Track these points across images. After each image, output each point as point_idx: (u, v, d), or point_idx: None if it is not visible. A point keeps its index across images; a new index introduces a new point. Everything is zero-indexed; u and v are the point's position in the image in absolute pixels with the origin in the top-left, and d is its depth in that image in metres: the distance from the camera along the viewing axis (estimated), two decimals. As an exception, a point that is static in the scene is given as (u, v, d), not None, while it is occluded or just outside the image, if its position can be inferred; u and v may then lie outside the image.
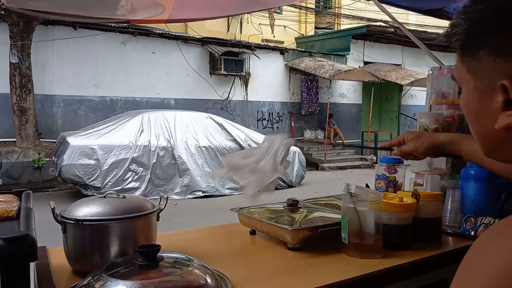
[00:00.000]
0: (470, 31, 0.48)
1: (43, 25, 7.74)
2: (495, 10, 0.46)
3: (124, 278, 0.68)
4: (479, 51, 0.47)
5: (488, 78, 0.47)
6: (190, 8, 2.39)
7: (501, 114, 0.46)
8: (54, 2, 2.08)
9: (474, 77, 0.49)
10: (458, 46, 0.50)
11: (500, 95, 0.45)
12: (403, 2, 2.36)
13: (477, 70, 0.48)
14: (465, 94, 0.52)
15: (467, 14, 0.48)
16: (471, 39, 0.48)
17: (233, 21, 11.37)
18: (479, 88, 0.48)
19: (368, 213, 1.01)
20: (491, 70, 0.46)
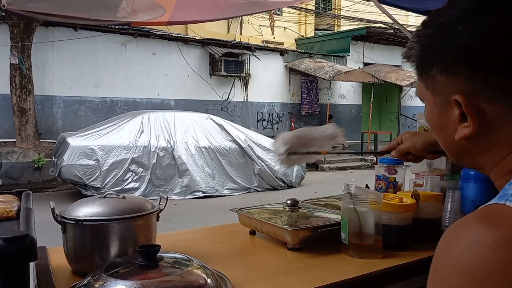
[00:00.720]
0: (422, 53, 0.52)
1: (43, 26, 7.75)
2: (440, 34, 0.50)
3: (124, 278, 0.68)
4: (432, 71, 0.51)
5: (444, 94, 0.51)
6: (191, 10, 2.39)
7: (459, 126, 0.50)
8: (55, 4, 2.09)
9: (432, 93, 0.53)
10: (415, 66, 0.54)
11: (456, 108, 0.49)
12: (403, 3, 2.37)
13: (434, 87, 0.52)
14: (427, 109, 0.56)
15: (419, 37, 0.53)
16: (424, 60, 0.52)
17: (233, 22, 11.39)
18: (438, 103, 0.53)
19: (368, 214, 1.01)
20: (445, 87, 0.50)
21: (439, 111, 0.53)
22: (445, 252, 0.42)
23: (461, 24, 0.47)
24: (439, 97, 0.52)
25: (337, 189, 1.15)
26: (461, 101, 0.48)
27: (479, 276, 0.38)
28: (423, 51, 0.52)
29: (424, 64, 0.53)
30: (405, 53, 0.56)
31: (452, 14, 0.49)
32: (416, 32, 0.54)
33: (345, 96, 12.23)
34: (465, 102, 0.48)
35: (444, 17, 0.50)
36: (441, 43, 0.50)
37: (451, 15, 0.49)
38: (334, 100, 11.89)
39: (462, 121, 0.49)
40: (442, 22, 0.50)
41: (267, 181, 7.18)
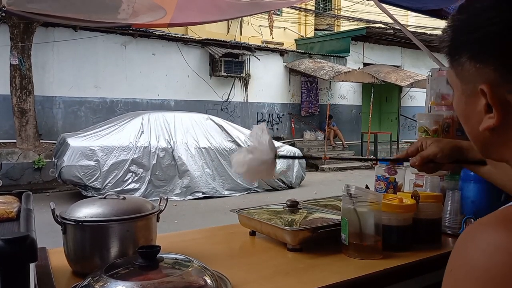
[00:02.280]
0: (454, 38, 0.52)
1: (43, 27, 7.75)
2: (472, 21, 0.49)
3: (124, 279, 0.68)
4: (462, 58, 0.50)
5: (472, 82, 0.50)
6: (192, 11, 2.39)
7: (484, 116, 0.49)
8: (55, 5, 2.09)
9: (461, 81, 0.52)
10: (446, 52, 0.53)
11: (483, 98, 0.48)
12: (403, 2, 2.37)
13: (463, 75, 0.51)
14: (456, 96, 0.55)
15: (453, 22, 0.52)
16: (456, 46, 0.52)
17: (233, 23, 11.39)
18: (466, 91, 0.52)
19: (368, 214, 1.01)
20: (473, 75, 0.49)
21: (466, 100, 0.52)
22: (462, 253, 0.41)
23: (493, 11, 0.47)
24: (467, 86, 0.51)
25: (337, 190, 1.15)
26: (486, 91, 0.47)
27: (496, 281, 0.36)
28: (454, 37, 0.51)
29: (454, 50, 0.52)
30: (439, 37, 0.55)
31: (486, 1, 0.48)
32: (451, 16, 0.53)
33: (345, 97, 12.23)
34: (491, 92, 0.47)
35: (479, 3, 0.49)
36: (472, 30, 0.48)
37: (485, 2, 0.48)
38: (334, 100, 11.89)
39: (488, 112, 0.48)
40: (476, 8, 0.49)
41: (267, 181, 7.18)
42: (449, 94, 1.52)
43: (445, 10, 2.41)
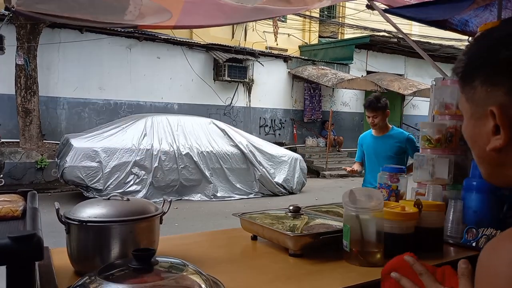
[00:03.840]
0: (468, 64, 0.56)
1: (49, 28, 7.82)
2: (486, 49, 0.54)
3: (117, 282, 0.67)
4: (474, 82, 0.54)
5: (482, 106, 0.53)
6: (197, 15, 2.41)
7: (492, 138, 0.52)
8: (63, 6, 2.11)
9: (471, 105, 0.56)
10: (459, 77, 0.57)
11: (491, 120, 0.51)
12: (407, 13, 2.38)
13: (473, 99, 0.55)
14: (464, 120, 0.58)
15: (468, 49, 0.57)
16: (469, 71, 0.55)
17: (237, 28, 11.45)
18: (475, 115, 0.55)
19: (370, 222, 1.01)
20: (484, 98, 0.52)
21: (474, 123, 0.55)
22: (485, 265, 0.43)
23: (506, 40, 0.51)
24: (477, 109, 0.54)
25: (338, 197, 1.16)
26: (496, 112, 0.50)
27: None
28: (468, 63, 0.55)
29: (467, 75, 0.55)
30: (454, 66, 0.59)
31: (498, 34, 0.53)
32: (466, 47, 0.59)
33: (347, 104, 12.24)
34: (500, 113, 0.50)
35: (491, 36, 0.54)
36: (485, 56, 0.53)
37: (497, 35, 0.53)
38: (337, 107, 11.90)
39: (496, 133, 0.51)
40: (489, 39, 0.54)
41: (268, 187, 7.17)
42: (453, 104, 1.52)
43: (449, 21, 2.42)
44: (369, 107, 2.81)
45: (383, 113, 2.81)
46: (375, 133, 2.89)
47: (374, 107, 2.78)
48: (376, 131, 2.88)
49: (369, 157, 2.90)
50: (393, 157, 2.75)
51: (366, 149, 2.92)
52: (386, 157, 2.75)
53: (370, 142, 2.91)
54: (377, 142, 2.85)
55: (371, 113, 2.80)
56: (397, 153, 2.78)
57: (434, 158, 1.44)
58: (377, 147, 2.84)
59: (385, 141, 2.82)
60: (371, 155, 2.88)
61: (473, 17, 2.35)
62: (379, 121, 2.81)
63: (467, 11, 2.24)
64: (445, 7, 2.18)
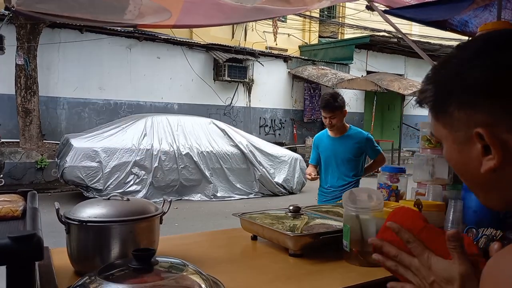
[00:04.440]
0: (437, 92, 0.54)
1: (49, 28, 7.82)
2: (455, 72, 0.52)
3: (117, 281, 0.67)
4: (450, 108, 0.52)
5: (463, 130, 0.51)
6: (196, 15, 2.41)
7: (483, 159, 0.50)
8: (63, 5, 2.11)
9: (450, 131, 0.53)
10: (430, 107, 0.55)
11: (478, 142, 0.50)
12: (407, 14, 2.38)
13: (452, 125, 0.53)
14: (446, 147, 0.56)
15: (434, 78, 0.55)
16: (440, 99, 0.53)
17: (237, 28, 11.46)
18: (457, 140, 0.53)
19: (370, 222, 1.01)
20: (464, 122, 0.51)
21: (459, 148, 0.53)
22: (488, 278, 0.44)
23: (475, 60, 0.49)
24: (458, 134, 0.52)
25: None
26: (483, 133, 0.48)
27: None
28: (439, 91, 0.53)
29: (440, 103, 0.53)
30: (418, 97, 0.57)
31: (465, 54, 0.51)
32: (427, 76, 0.55)
33: (347, 104, 12.15)
34: (488, 133, 0.48)
35: (457, 58, 0.52)
36: (457, 80, 0.51)
37: (464, 55, 0.52)
38: (337, 107, 11.89)
39: (486, 154, 0.49)
40: (456, 62, 0.52)
41: (268, 187, 7.17)
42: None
43: (449, 21, 2.42)
44: (326, 107, 2.55)
45: (341, 112, 2.59)
46: (333, 134, 2.66)
47: (332, 107, 2.54)
48: (334, 132, 2.64)
49: (326, 160, 2.66)
50: (352, 160, 2.59)
51: (323, 151, 2.68)
52: (345, 159, 2.59)
53: (328, 144, 2.67)
54: (335, 143, 2.63)
55: (328, 113, 2.55)
56: (357, 154, 2.61)
57: (434, 158, 1.44)
58: (335, 149, 2.62)
59: (343, 143, 2.61)
60: (329, 157, 2.64)
61: (472, 17, 2.35)
62: (337, 122, 2.57)
63: (467, 12, 2.24)
64: (445, 8, 2.18)
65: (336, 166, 2.58)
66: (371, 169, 2.80)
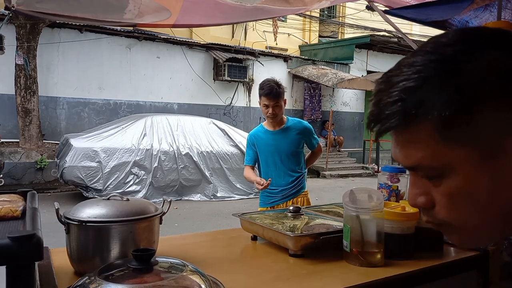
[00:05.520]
0: (456, 99, 0.39)
1: (49, 28, 7.82)
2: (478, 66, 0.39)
3: (117, 282, 0.67)
4: (478, 115, 0.39)
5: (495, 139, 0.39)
6: (196, 14, 2.41)
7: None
8: (63, 5, 2.11)
9: (474, 148, 0.40)
10: (434, 124, 0.40)
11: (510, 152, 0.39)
12: (407, 14, 2.38)
13: (478, 137, 0.39)
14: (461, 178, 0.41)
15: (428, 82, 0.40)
16: (463, 105, 0.39)
17: (237, 27, 11.46)
18: (486, 156, 0.40)
19: (370, 222, 1.01)
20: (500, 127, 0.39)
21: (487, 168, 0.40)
22: None
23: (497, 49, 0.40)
24: (488, 147, 0.39)
25: (338, 197, 1.16)
26: None
27: None
28: (452, 94, 0.39)
29: (460, 110, 0.39)
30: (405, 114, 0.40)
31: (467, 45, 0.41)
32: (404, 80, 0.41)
33: (347, 104, 12.24)
34: None
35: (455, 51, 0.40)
36: (481, 76, 0.39)
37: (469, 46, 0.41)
38: (337, 107, 11.91)
39: None
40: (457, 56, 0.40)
41: (268, 186, 7.18)
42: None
43: (449, 22, 2.42)
44: (271, 94, 2.27)
45: (283, 100, 2.34)
46: (271, 127, 2.40)
47: (277, 93, 2.28)
48: (273, 124, 2.38)
49: (268, 158, 2.40)
50: (297, 152, 2.40)
51: (263, 148, 2.41)
52: (290, 153, 2.37)
53: (267, 139, 2.39)
54: (277, 138, 2.37)
55: (272, 101, 2.28)
56: (300, 146, 2.41)
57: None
58: (278, 144, 2.37)
59: (285, 135, 2.37)
60: (271, 154, 2.39)
61: (473, 18, 2.35)
62: (279, 111, 2.31)
63: (467, 12, 2.24)
64: (445, 8, 2.18)
65: (281, 162, 2.37)
66: (311, 161, 2.63)
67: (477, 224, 0.42)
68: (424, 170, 0.43)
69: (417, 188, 0.45)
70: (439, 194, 0.42)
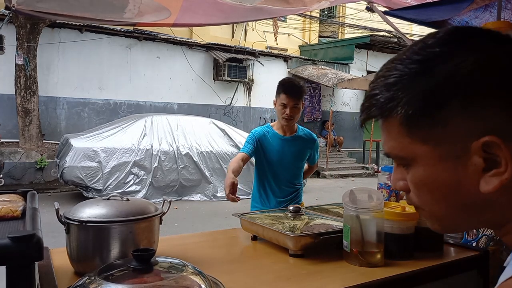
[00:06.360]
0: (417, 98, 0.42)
1: (49, 28, 7.82)
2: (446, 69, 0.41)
3: (117, 282, 0.67)
4: (440, 116, 0.41)
5: (459, 141, 0.41)
6: (196, 14, 2.42)
7: (483, 176, 0.41)
8: (63, 4, 2.11)
9: (435, 146, 0.42)
10: (403, 117, 0.43)
11: (476, 156, 0.40)
12: (407, 15, 2.38)
13: (440, 137, 0.42)
14: (422, 169, 0.44)
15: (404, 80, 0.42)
16: (424, 106, 0.41)
17: (237, 27, 11.46)
18: (445, 156, 0.42)
19: (370, 222, 1.01)
20: (463, 130, 0.41)
21: (447, 166, 0.42)
22: None
23: (468, 54, 0.40)
24: (449, 147, 0.41)
25: (338, 197, 1.16)
26: (497, 142, 0.39)
27: None
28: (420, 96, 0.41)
29: (421, 111, 0.42)
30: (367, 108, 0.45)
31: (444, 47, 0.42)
32: (386, 76, 0.44)
33: (347, 104, 12.25)
34: (502, 142, 0.39)
35: (434, 51, 0.42)
36: (449, 80, 0.40)
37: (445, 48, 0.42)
38: (337, 107, 11.91)
39: (487, 170, 0.40)
40: (432, 57, 0.42)
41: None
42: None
43: (449, 22, 2.42)
44: (292, 91, 1.97)
45: (302, 103, 2.04)
46: (282, 131, 2.10)
47: (298, 92, 1.99)
48: (284, 129, 2.09)
49: (270, 165, 2.10)
50: (302, 165, 2.15)
51: (268, 152, 2.09)
52: (295, 165, 2.11)
53: (275, 145, 2.08)
54: (285, 145, 2.08)
55: (292, 100, 1.97)
56: (306, 158, 2.16)
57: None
58: (285, 153, 2.07)
59: (295, 145, 2.10)
60: (274, 162, 2.08)
61: (473, 18, 2.35)
62: (296, 114, 2.02)
63: (467, 12, 2.24)
64: (445, 8, 2.19)
65: (284, 172, 2.09)
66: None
67: (442, 212, 0.45)
68: (395, 158, 0.47)
69: (396, 174, 0.49)
70: (409, 181, 0.47)
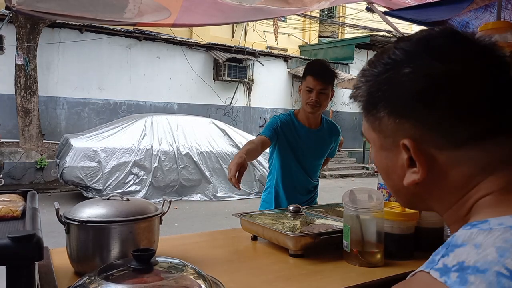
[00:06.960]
0: (369, 93, 0.50)
1: (49, 28, 7.82)
2: (387, 76, 0.47)
3: (117, 282, 0.67)
4: (379, 112, 0.48)
5: (391, 137, 0.48)
6: (196, 14, 2.42)
7: (407, 171, 0.47)
8: (63, 4, 2.11)
9: (379, 135, 0.50)
10: (361, 107, 0.52)
11: (404, 153, 0.46)
12: (407, 15, 2.38)
13: (380, 129, 0.49)
14: (374, 151, 0.53)
15: (365, 77, 0.50)
16: (371, 101, 0.49)
17: (237, 27, 11.46)
18: (384, 146, 0.50)
19: (370, 222, 1.01)
20: (393, 130, 0.47)
21: (386, 154, 0.50)
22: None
23: (408, 66, 0.45)
24: (386, 140, 0.49)
25: (338, 197, 1.16)
26: (410, 145, 0.45)
27: None
28: (370, 92, 0.49)
29: (370, 105, 0.50)
30: (352, 92, 0.54)
31: (399, 55, 0.47)
32: (363, 71, 0.52)
33: (347, 104, 12.24)
34: (414, 147, 0.45)
35: (391, 58, 0.47)
36: (388, 85, 0.47)
37: (398, 56, 0.47)
38: (337, 107, 11.91)
39: (411, 166, 0.47)
40: (389, 62, 0.47)
41: (268, 186, 7.17)
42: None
43: (449, 22, 2.42)
44: (321, 74, 1.71)
45: (332, 91, 1.77)
46: (306, 121, 1.83)
47: (329, 76, 1.73)
48: (309, 118, 1.82)
49: (292, 159, 1.85)
50: (321, 163, 1.96)
51: (290, 143, 1.82)
52: (318, 162, 1.92)
53: (300, 136, 1.83)
54: (311, 138, 1.84)
55: (320, 84, 1.70)
56: (326, 154, 1.96)
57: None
58: (310, 147, 1.84)
59: (320, 138, 1.87)
60: (299, 156, 1.85)
61: (473, 18, 2.35)
62: (324, 101, 1.74)
63: (467, 12, 2.24)
64: (445, 8, 2.18)
65: (307, 168, 1.89)
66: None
67: (392, 190, 0.53)
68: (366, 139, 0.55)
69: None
70: None
